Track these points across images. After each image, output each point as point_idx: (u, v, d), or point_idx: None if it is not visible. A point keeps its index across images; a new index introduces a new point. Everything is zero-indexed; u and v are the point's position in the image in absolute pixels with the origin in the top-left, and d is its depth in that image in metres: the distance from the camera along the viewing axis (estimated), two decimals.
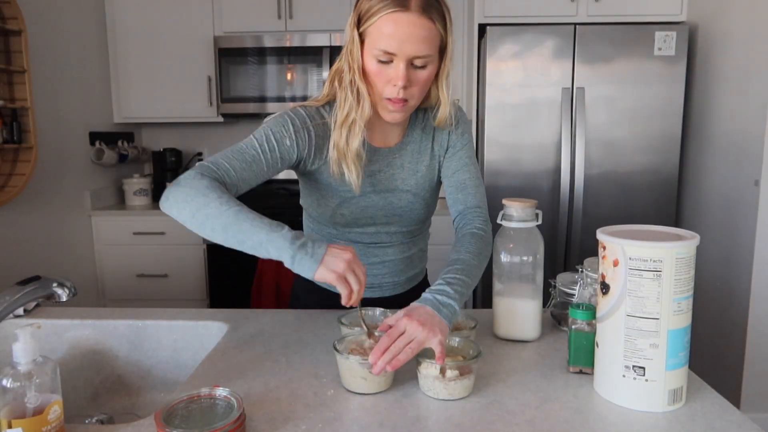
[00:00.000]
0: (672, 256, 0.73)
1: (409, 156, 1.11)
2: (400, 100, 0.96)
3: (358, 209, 1.10)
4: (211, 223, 0.85)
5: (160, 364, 1.09)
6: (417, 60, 0.93)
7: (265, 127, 1.00)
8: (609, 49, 2.42)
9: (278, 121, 1.01)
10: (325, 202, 1.10)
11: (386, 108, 0.98)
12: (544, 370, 0.89)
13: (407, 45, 0.91)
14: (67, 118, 2.65)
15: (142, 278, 2.84)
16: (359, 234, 1.14)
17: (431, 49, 0.94)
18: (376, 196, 1.10)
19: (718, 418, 0.74)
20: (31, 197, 2.40)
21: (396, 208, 1.12)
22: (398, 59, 0.92)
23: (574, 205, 2.50)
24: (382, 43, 0.92)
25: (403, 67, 0.93)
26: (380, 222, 1.13)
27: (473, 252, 1.00)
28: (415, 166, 1.11)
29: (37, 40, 2.38)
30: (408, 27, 0.90)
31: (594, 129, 2.47)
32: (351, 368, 0.81)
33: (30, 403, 0.66)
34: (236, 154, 0.96)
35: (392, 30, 0.91)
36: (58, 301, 1.12)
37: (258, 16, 2.89)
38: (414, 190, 1.12)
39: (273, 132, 1.00)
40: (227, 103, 2.92)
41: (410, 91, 0.96)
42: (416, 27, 0.91)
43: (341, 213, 1.10)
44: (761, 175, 2.05)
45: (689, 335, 0.77)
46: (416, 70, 0.95)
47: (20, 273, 2.28)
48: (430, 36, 0.92)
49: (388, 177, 1.10)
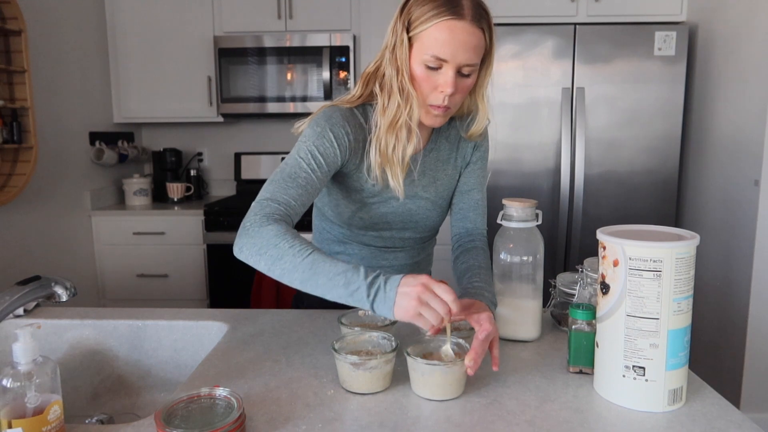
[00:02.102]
0: (672, 256, 0.73)
1: (432, 164, 1.11)
2: (444, 106, 0.96)
3: (378, 214, 1.10)
4: (288, 277, 0.85)
5: (160, 364, 1.09)
6: (465, 68, 0.94)
7: (307, 143, 0.98)
8: (609, 49, 2.42)
9: (316, 132, 0.98)
10: (345, 204, 1.09)
11: (429, 113, 0.98)
12: (544, 370, 0.89)
13: (460, 53, 0.91)
14: (67, 118, 2.65)
15: (142, 278, 2.84)
16: (373, 237, 1.14)
17: (479, 58, 0.95)
18: (396, 201, 1.09)
19: (718, 418, 0.74)
20: (31, 197, 2.40)
21: (413, 214, 1.12)
22: (448, 66, 0.92)
23: (574, 205, 2.50)
24: (434, 49, 0.91)
25: (452, 74, 0.93)
26: (396, 227, 1.13)
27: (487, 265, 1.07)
28: (436, 174, 1.11)
29: (37, 40, 2.39)
30: (462, 35, 0.91)
31: (594, 129, 2.47)
32: (344, 367, 0.81)
33: (30, 403, 0.66)
34: (290, 182, 0.94)
35: (447, 37, 0.91)
36: (58, 301, 1.12)
37: (258, 16, 2.89)
38: (433, 198, 1.12)
39: (316, 146, 0.97)
40: (227, 103, 2.92)
41: (454, 98, 0.97)
42: (470, 35, 0.91)
43: (360, 216, 1.10)
44: (761, 175, 2.05)
45: (689, 335, 0.77)
46: (462, 78, 0.95)
47: (20, 273, 2.28)
48: (480, 45, 0.94)
49: (408, 183, 1.09)
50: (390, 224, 1.12)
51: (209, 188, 3.40)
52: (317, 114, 1.01)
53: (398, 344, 0.85)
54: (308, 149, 0.97)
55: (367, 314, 1.00)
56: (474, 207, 1.15)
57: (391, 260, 1.17)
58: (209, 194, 3.39)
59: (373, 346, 0.88)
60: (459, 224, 1.16)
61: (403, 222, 1.12)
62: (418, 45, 0.94)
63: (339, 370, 0.83)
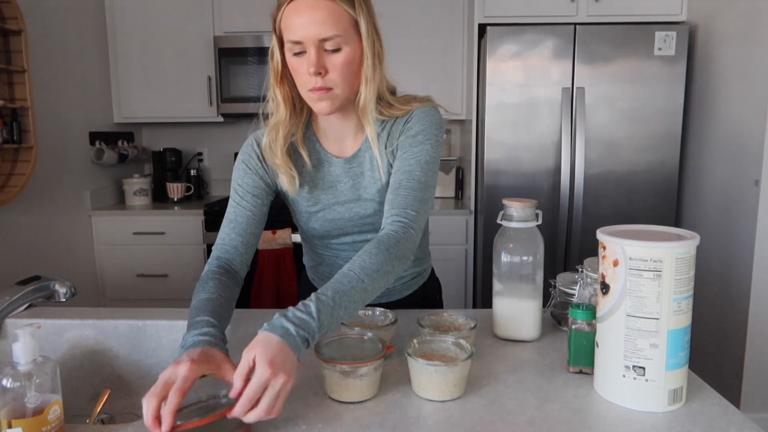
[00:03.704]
0: (672, 256, 0.73)
1: (368, 164, 1.07)
2: (321, 88, 0.94)
3: (327, 222, 1.09)
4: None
5: (160, 364, 1.09)
6: (326, 43, 0.92)
7: (233, 183, 1.07)
8: (609, 49, 2.42)
9: (235, 168, 1.08)
10: (298, 219, 1.14)
11: (312, 99, 0.97)
12: (544, 370, 0.89)
13: (310, 28, 0.90)
14: (67, 118, 2.65)
15: (142, 278, 2.84)
16: (338, 245, 1.14)
17: (337, 29, 0.91)
18: (341, 207, 1.08)
19: (718, 418, 0.74)
20: (31, 197, 2.40)
21: (364, 216, 1.09)
22: (308, 46, 0.92)
23: (574, 205, 2.50)
24: (290, 33, 0.92)
25: (314, 52, 0.92)
26: (353, 231, 1.11)
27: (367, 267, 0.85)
28: (375, 174, 1.06)
29: (37, 40, 2.39)
30: (307, 11, 0.90)
31: (594, 129, 2.47)
32: (333, 376, 0.78)
33: (30, 403, 0.66)
34: (226, 224, 1.04)
35: (295, 17, 0.91)
36: (58, 301, 1.12)
37: (258, 16, 2.89)
38: (378, 198, 1.07)
39: (236, 179, 1.06)
40: (227, 103, 2.92)
41: (330, 78, 0.94)
42: (314, 9, 0.90)
43: (312, 227, 1.11)
44: (761, 175, 2.05)
45: (689, 335, 0.77)
46: (331, 55, 0.93)
47: (20, 273, 2.28)
48: (333, 15, 0.91)
49: (349, 187, 1.08)
50: (344, 229, 1.11)
51: (209, 188, 3.40)
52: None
53: (384, 346, 0.82)
54: (233, 187, 1.06)
55: (367, 314, 1.00)
56: (395, 188, 0.99)
57: None
58: (209, 194, 3.39)
59: (359, 351, 0.84)
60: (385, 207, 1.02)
61: (358, 226, 1.10)
62: (284, 38, 0.95)
63: (326, 379, 0.80)
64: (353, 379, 0.77)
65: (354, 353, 0.83)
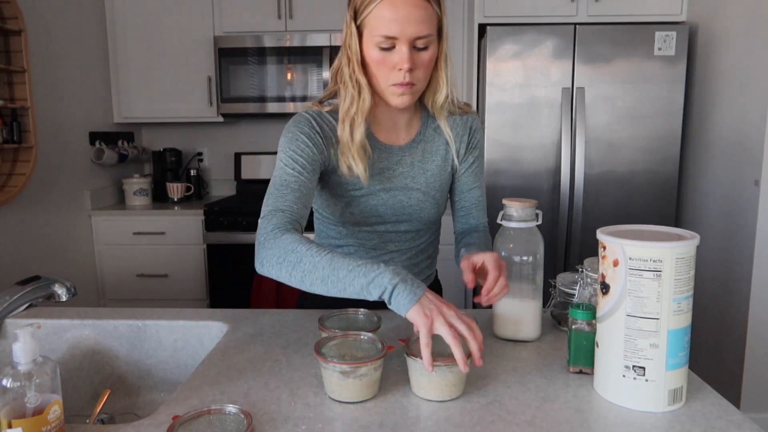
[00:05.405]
0: (672, 256, 0.73)
1: (420, 155, 1.12)
2: (407, 83, 0.97)
3: (368, 208, 1.10)
4: (310, 278, 0.85)
5: (160, 364, 1.09)
6: (419, 41, 0.95)
7: (285, 151, 1.01)
8: (609, 49, 2.42)
9: (288, 138, 1.02)
10: (335, 202, 1.11)
11: (394, 93, 0.99)
12: (544, 370, 0.89)
13: (408, 26, 0.92)
14: (67, 118, 2.65)
15: (142, 278, 2.84)
16: (368, 233, 1.14)
17: (431, 29, 0.95)
18: (386, 194, 1.10)
19: (718, 418, 0.74)
20: (31, 197, 2.40)
21: (405, 206, 1.12)
22: (400, 43, 0.94)
23: (574, 205, 2.50)
24: (382, 28, 0.93)
25: (407, 50, 0.94)
26: (390, 221, 1.13)
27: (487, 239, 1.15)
28: (425, 165, 1.12)
29: (37, 40, 2.39)
30: (406, 8, 0.92)
31: (594, 129, 2.47)
32: (332, 377, 0.78)
33: (30, 403, 0.66)
34: (283, 189, 0.97)
35: (391, 14, 0.92)
36: (58, 301, 1.12)
37: (258, 16, 2.89)
38: (424, 188, 1.12)
39: (293, 150, 1.00)
40: (227, 103, 2.92)
41: (416, 75, 0.98)
42: (414, 7, 0.92)
43: (350, 212, 1.10)
44: (761, 175, 2.05)
45: (689, 335, 0.77)
46: (419, 52, 0.96)
47: (20, 273, 2.28)
48: (428, 15, 0.94)
49: (397, 175, 1.10)
50: (383, 217, 1.12)
51: (209, 188, 3.40)
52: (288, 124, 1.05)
53: (384, 346, 0.82)
54: (287, 156, 1.00)
55: (350, 316, 0.98)
56: (476, 204, 1.19)
57: (388, 256, 1.17)
58: (209, 194, 3.39)
59: (358, 351, 0.84)
60: (462, 221, 1.20)
61: (396, 215, 1.12)
62: (367, 31, 0.95)
63: (326, 379, 0.80)
64: (353, 379, 0.77)
65: (354, 353, 0.83)
